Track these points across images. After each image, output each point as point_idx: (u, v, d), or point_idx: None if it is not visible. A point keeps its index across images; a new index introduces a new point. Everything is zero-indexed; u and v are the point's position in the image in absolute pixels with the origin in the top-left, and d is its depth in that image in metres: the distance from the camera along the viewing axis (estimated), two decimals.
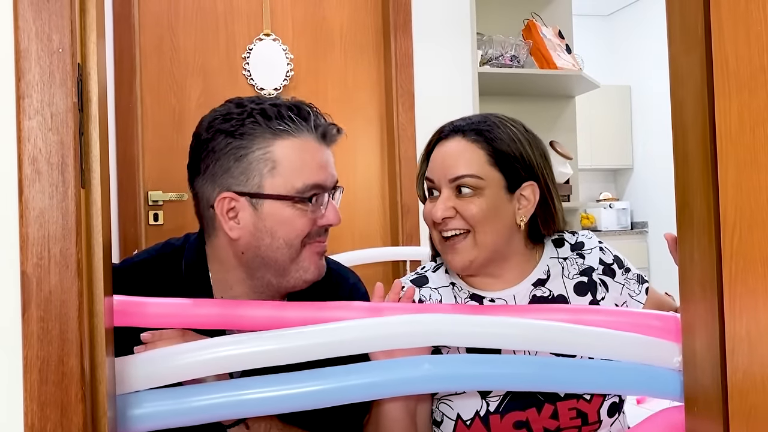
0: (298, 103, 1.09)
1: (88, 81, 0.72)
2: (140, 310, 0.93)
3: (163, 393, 0.89)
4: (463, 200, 1.09)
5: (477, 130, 1.11)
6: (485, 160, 1.10)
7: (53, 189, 0.68)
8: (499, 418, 1.09)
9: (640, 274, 1.21)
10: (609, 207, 5.85)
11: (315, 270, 1.08)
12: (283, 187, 1.03)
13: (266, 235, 1.04)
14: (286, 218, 1.04)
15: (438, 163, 1.13)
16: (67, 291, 0.68)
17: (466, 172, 1.09)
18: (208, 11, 2.51)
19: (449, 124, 1.16)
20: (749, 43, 0.70)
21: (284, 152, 1.04)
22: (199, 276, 1.10)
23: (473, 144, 1.11)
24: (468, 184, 1.09)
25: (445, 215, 1.09)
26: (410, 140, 2.57)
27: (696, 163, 0.78)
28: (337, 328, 0.94)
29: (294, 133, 1.04)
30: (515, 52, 2.84)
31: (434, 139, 1.17)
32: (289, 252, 1.05)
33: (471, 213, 1.09)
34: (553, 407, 1.09)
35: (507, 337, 0.98)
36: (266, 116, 1.04)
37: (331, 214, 1.08)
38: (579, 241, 1.22)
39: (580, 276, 1.18)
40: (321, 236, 1.09)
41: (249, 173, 1.03)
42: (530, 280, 1.16)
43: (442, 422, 1.13)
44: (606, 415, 1.11)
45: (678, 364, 0.95)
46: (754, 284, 0.70)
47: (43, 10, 0.68)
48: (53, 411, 0.68)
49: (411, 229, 2.58)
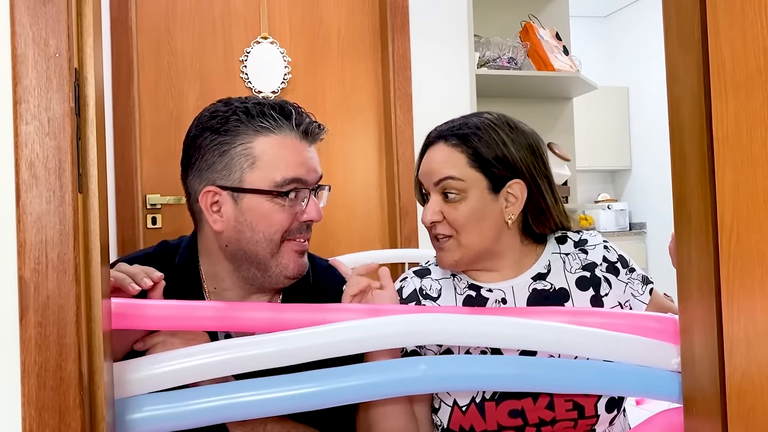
0: (282, 102, 1.12)
1: (85, 85, 0.72)
2: (139, 313, 0.93)
3: (162, 396, 0.89)
4: (449, 205, 1.13)
5: (457, 135, 1.15)
6: (465, 162, 1.13)
7: (51, 194, 0.68)
8: (495, 405, 1.10)
9: (645, 275, 1.22)
10: (607, 208, 5.85)
11: (294, 267, 1.11)
12: (262, 182, 1.07)
13: (247, 228, 1.07)
14: (264, 212, 1.07)
15: (425, 169, 1.17)
16: (65, 296, 0.68)
17: (447, 174, 1.13)
18: (205, 15, 2.51)
19: (434, 131, 1.20)
20: (745, 45, 0.70)
21: (264, 148, 1.07)
22: (190, 268, 1.14)
23: (453, 148, 1.14)
24: (451, 186, 1.13)
25: (433, 219, 1.14)
26: (408, 142, 2.57)
27: (693, 165, 0.78)
28: (336, 329, 0.95)
29: (275, 130, 1.08)
30: (513, 54, 2.84)
31: (424, 145, 1.21)
32: (269, 247, 1.08)
33: (454, 217, 1.13)
34: (549, 398, 1.10)
35: (506, 337, 0.98)
36: (249, 114, 1.08)
37: (312, 210, 1.10)
38: (583, 239, 1.23)
39: (583, 271, 1.19)
40: (302, 233, 1.11)
41: (231, 168, 1.07)
42: (529, 274, 1.18)
43: (439, 408, 1.15)
44: (604, 410, 1.11)
45: (676, 366, 0.95)
46: (752, 285, 0.70)
47: (40, 15, 0.68)
48: (51, 416, 0.68)
49: (409, 231, 2.58)
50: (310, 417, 1.05)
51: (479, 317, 1.00)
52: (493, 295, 1.16)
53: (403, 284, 1.21)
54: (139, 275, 0.98)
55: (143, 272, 0.99)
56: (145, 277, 0.98)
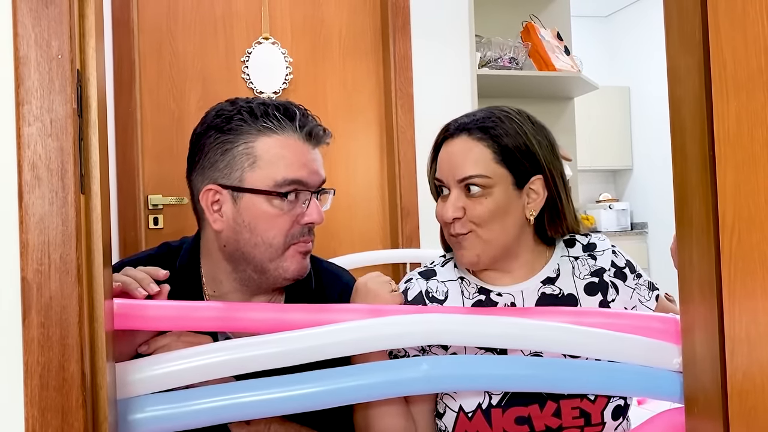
0: (287, 103, 1.11)
1: (88, 87, 0.72)
2: (141, 314, 0.93)
3: (164, 397, 0.89)
4: (472, 200, 1.10)
5: (482, 128, 1.11)
6: (491, 158, 1.10)
7: (53, 195, 0.68)
8: (501, 412, 1.09)
9: (651, 281, 1.21)
10: (609, 208, 5.85)
11: (295, 269, 1.10)
12: (262, 182, 1.06)
13: (245, 229, 1.07)
14: (262, 213, 1.06)
15: (445, 164, 1.13)
16: (68, 296, 0.68)
17: (474, 172, 1.09)
18: (206, 15, 2.52)
19: (454, 122, 1.16)
20: (747, 45, 0.70)
21: (265, 148, 1.07)
22: (191, 270, 1.13)
23: (479, 142, 1.11)
24: (476, 183, 1.09)
25: (455, 215, 1.10)
26: (410, 143, 2.57)
27: (694, 165, 0.78)
28: (338, 330, 0.95)
29: (277, 130, 1.07)
30: (514, 54, 2.84)
31: (440, 137, 1.17)
32: (268, 251, 1.07)
33: (477, 213, 1.09)
34: (556, 405, 1.09)
35: (507, 337, 0.98)
36: (253, 114, 1.08)
37: (314, 213, 1.09)
38: (591, 242, 1.21)
39: (591, 276, 1.17)
40: (305, 236, 1.10)
41: (232, 166, 1.07)
42: (539, 278, 1.16)
43: (444, 414, 1.13)
44: (610, 417, 1.10)
45: (678, 366, 0.95)
46: (753, 285, 0.70)
47: (42, 16, 0.68)
48: (54, 416, 0.68)
49: (411, 232, 2.57)
50: (312, 418, 1.05)
51: (482, 318, 0.99)
52: (503, 299, 1.15)
53: (408, 285, 1.18)
54: (145, 280, 0.97)
55: (149, 277, 0.99)
56: (151, 282, 0.97)
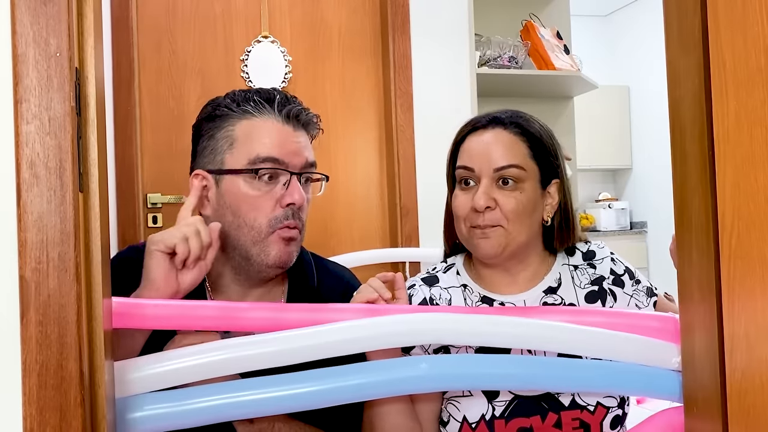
0: (272, 89, 1.15)
1: (86, 85, 0.72)
2: (140, 312, 0.93)
3: (163, 395, 0.89)
4: (503, 192, 1.11)
5: (517, 123, 1.14)
6: (526, 152, 1.13)
7: (51, 193, 0.68)
8: (504, 423, 1.10)
9: (650, 287, 1.21)
10: (608, 207, 5.84)
11: (276, 255, 1.09)
12: (237, 162, 1.09)
13: (228, 212, 1.09)
14: (243, 195, 1.08)
15: (478, 153, 1.13)
16: (66, 295, 0.68)
17: (512, 162, 1.11)
18: (206, 14, 2.51)
19: (486, 116, 1.17)
20: (746, 44, 0.70)
21: (243, 130, 1.10)
22: None
23: (515, 136, 1.13)
24: (512, 174, 1.11)
25: (487, 204, 1.10)
26: (409, 141, 2.57)
27: (694, 164, 0.78)
28: (337, 328, 0.94)
29: (255, 114, 1.11)
30: (513, 53, 2.84)
31: (466, 129, 1.17)
32: (251, 234, 1.09)
33: (510, 207, 1.10)
34: (557, 416, 1.09)
35: (506, 336, 0.98)
36: (235, 101, 1.12)
37: (294, 193, 1.09)
38: (590, 250, 1.22)
39: (591, 285, 1.19)
40: (288, 220, 1.10)
41: (215, 151, 1.11)
42: (541, 287, 1.17)
43: (448, 423, 1.13)
44: (609, 427, 1.11)
45: (677, 365, 0.95)
46: (752, 284, 0.70)
47: (41, 14, 0.68)
48: (52, 415, 0.68)
49: (410, 231, 2.57)
50: (316, 417, 1.05)
51: (480, 317, 0.99)
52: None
53: (411, 292, 1.18)
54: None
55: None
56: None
